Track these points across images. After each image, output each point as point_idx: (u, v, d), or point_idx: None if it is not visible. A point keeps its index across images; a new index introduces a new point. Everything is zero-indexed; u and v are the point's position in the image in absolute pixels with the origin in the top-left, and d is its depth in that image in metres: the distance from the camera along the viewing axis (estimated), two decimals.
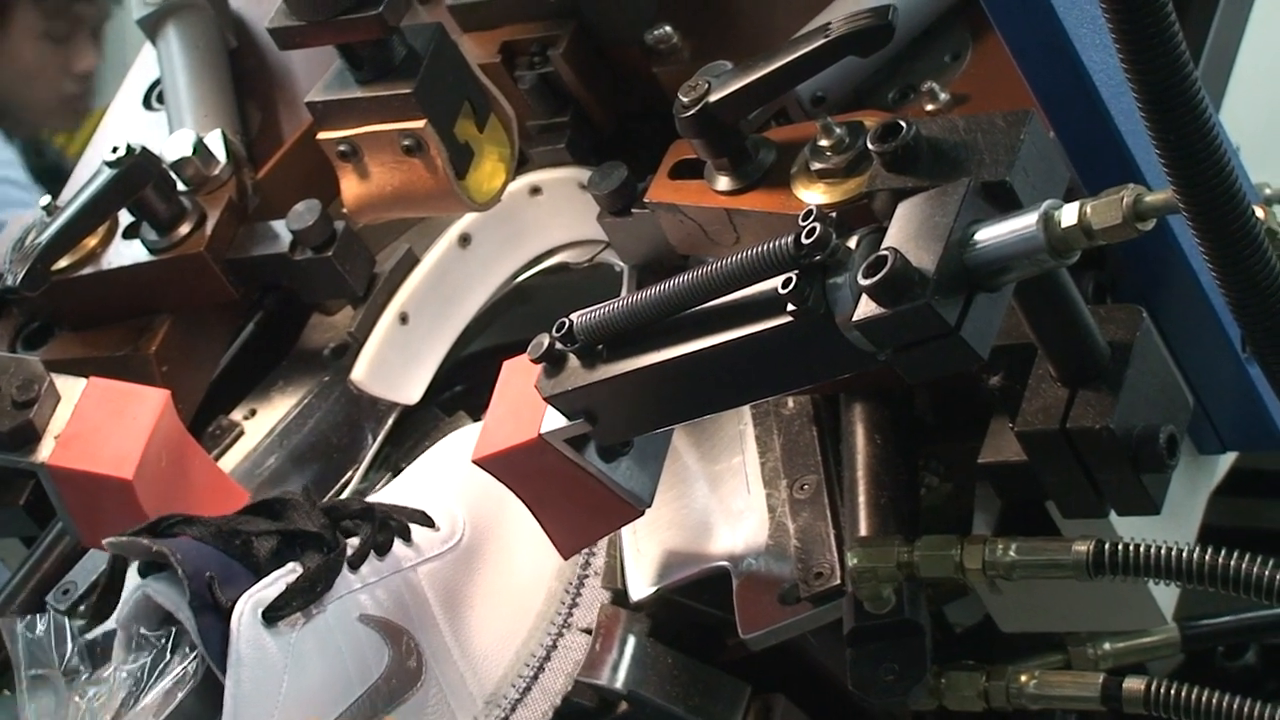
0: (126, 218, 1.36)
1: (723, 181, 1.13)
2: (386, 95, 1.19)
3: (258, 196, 1.38)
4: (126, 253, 1.35)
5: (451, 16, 1.33)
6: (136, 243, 1.35)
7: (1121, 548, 1.00)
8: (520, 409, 1.09)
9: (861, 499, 1.10)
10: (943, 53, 1.20)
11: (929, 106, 1.16)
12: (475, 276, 1.38)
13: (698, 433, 1.22)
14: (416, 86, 1.18)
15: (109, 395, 1.25)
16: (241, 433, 1.37)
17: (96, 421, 1.24)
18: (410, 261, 1.37)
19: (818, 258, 0.94)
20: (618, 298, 1.02)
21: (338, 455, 1.35)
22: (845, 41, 1.05)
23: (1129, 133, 1.03)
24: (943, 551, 1.05)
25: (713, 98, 1.10)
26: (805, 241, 0.94)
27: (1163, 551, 0.98)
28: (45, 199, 1.38)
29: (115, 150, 1.31)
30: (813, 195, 1.08)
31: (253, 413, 1.38)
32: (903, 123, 1.01)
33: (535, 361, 1.05)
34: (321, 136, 1.23)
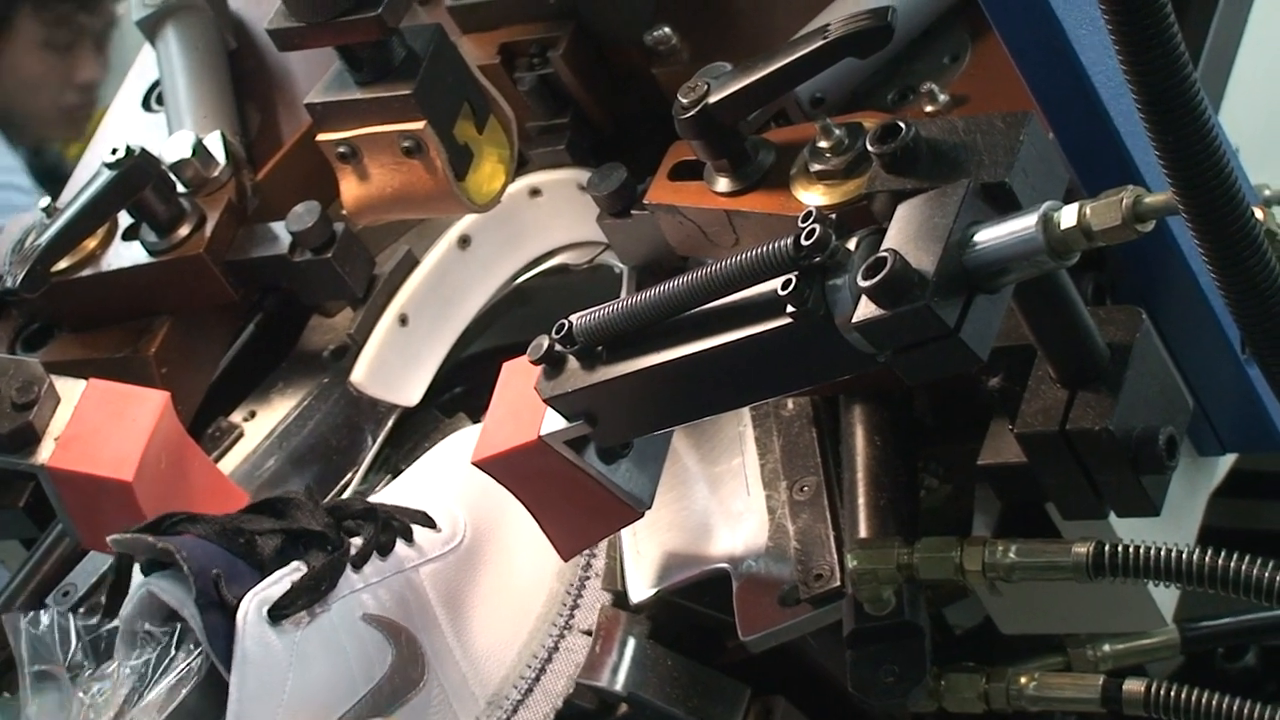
0: (126, 219, 1.36)
1: (722, 183, 1.13)
2: (386, 97, 1.19)
3: (257, 198, 1.38)
4: (126, 254, 1.35)
5: (451, 18, 1.33)
6: (136, 244, 1.35)
7: (1121, 549, 1.00)
8: (520, 411, 1.08)
9: (861, 500, 1.10)
10: (942, 54, 1.20)
11: (928, 108, 1.16)
12: (475, 278, 1.37)
13: (697, 434, 1.22)
14: (416, 88, 1.18)
15: (109, 397, 1.25)
16: (241, 434, 1.37)
17: (96, 423, 1.23)
18: (410, 263, 1.37)
19: (817, 259, 0.94)
20: (617, 299, 1.02)
21: (337, 457, 1.35)
22: (844, 43, 1.05)
23: (1128, 134, 1.03)
24: (942, 553, 1.05)
25: (712, 99, 1.10)
26: (805, 243, 0.94)
27: (1162, 553, 0.98)
28: (45, 200, 1.38)
29: (114, 152, 1.31)
30: (812, 197, 1.08)
31: (252, 414, 1.38)
32: (902, 124, 1.01)
33: (535, 363, 1.05)
34: (321, 138, 1.23)
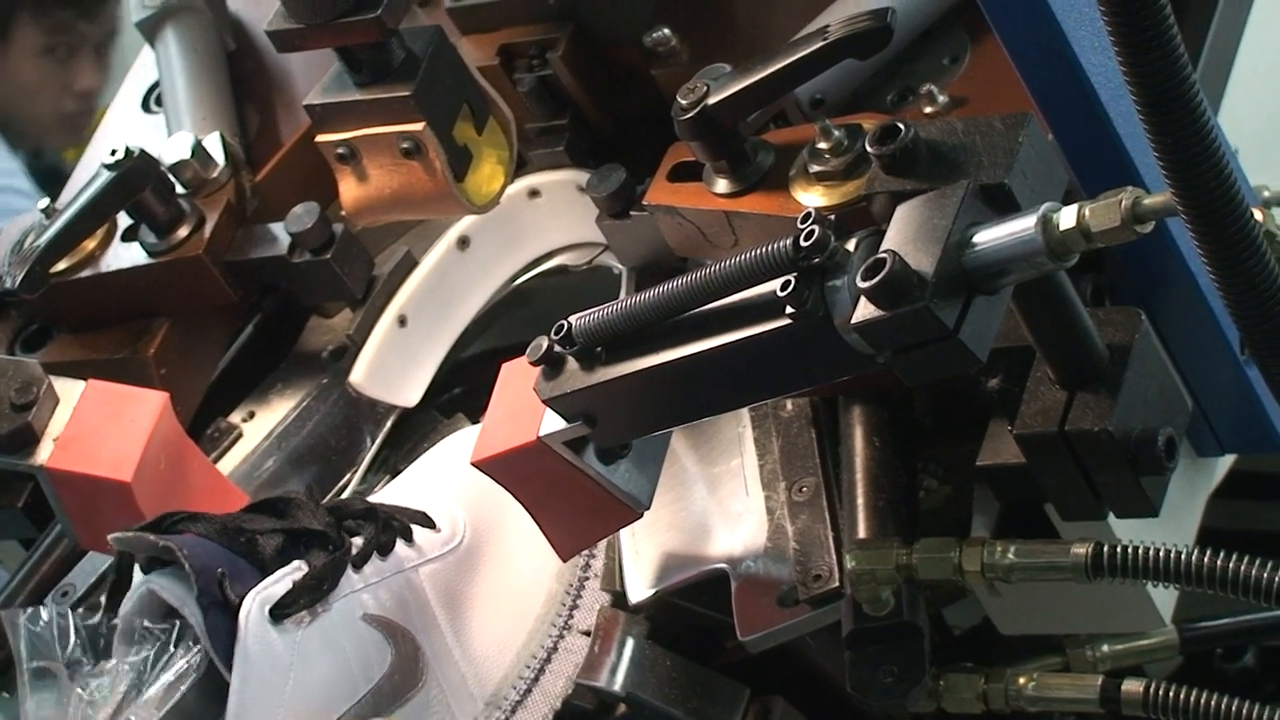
0: (125, 220, 1.36)
1: (721, 184, 1.13)
2: (385, 98, 1.19)
3: (256, 199, 1.38)
4: (125, 255, 1.35)
5: (450, 19, 1.33)
6: (135, 245, 1.35)
7: (1120, 550, 1.00)
8: (519, 411, 1.08)
9: (860, 501, 1.10)
10: (941, 55, 1.20)
11: (927, 109, 1.16)
12: (474, 279, 1.37)
13: (696, 435, 1.22)
14: (415, 89, 1.18)
15: (108, 398, 1.25)
16: (240, 435, 1.37)
17: (95, 424, 1.23)
18: (409, 264, 1.37)
19: (816, 260, 0.94)
20: (616, 300, 1.02)
21: (336, 458, 1.35)
22: (844, 44, 1.05)
23: (1127, 135, 1.03)
24: (941, 554, 1.05)
25: (711, 100, 1.10)
26: (804, 244, 0.94)
27: (1161, 554, 0.99)
28: (44, 201, 1.38)
29: (114, 153, 1.31)
30: (811, 198, 1.08)
31: (251, 415, 1.38)
32: (901, 125, 1.01)
33: (534, 364, 1.05)
34: (320, 139, 1.23)
